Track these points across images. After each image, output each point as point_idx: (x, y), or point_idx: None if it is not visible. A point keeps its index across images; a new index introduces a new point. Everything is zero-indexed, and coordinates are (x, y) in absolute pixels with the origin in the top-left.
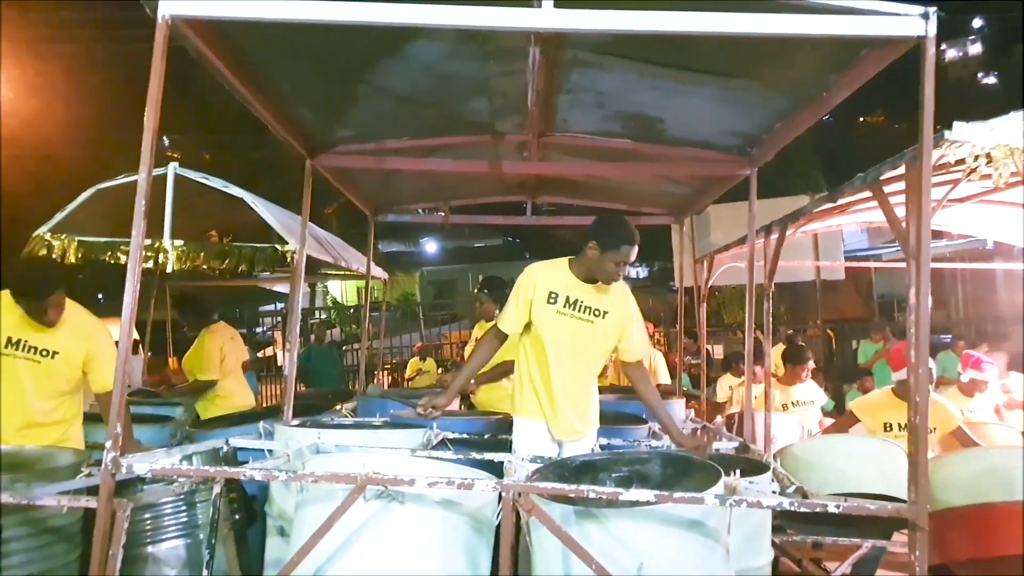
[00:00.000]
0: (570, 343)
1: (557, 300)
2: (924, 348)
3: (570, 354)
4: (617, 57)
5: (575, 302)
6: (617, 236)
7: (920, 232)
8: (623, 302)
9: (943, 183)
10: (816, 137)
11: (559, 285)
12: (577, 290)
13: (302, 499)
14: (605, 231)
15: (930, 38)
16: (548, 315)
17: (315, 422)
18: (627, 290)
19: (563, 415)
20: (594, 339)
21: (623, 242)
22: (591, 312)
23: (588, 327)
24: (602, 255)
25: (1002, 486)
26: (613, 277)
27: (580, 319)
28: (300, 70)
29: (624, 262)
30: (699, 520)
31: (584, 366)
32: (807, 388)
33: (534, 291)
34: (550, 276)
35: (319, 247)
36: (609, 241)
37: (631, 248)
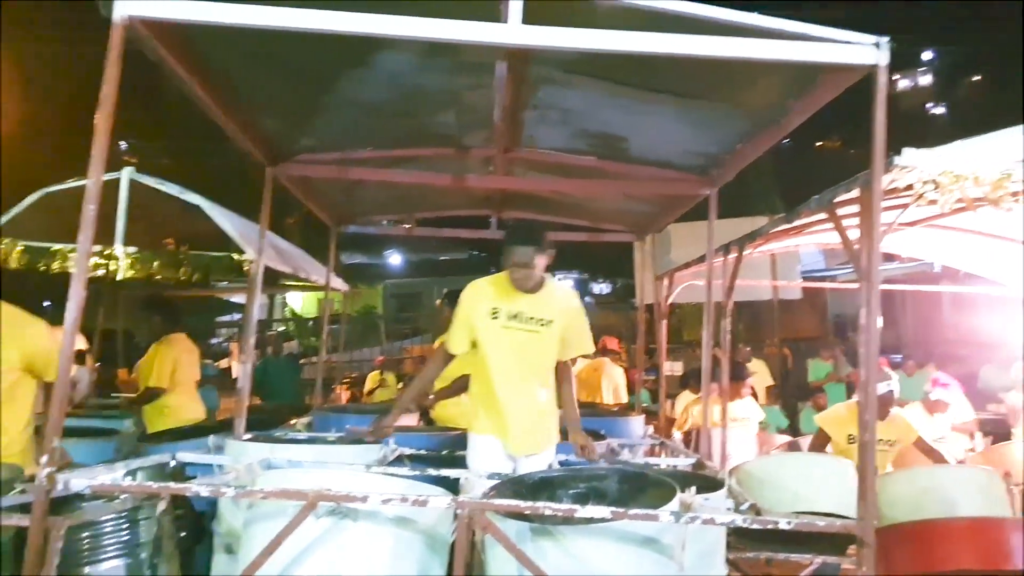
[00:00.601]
0: (517, 356)
1: (500, 315)
2: (873, 365)
3: (518, 367)
4: (583, 75)
5: (518, 314)
6: (508, 239)
7: (871, 253)
8: (568, 307)
9: (894, 207)
10: (775, 160)
11: (500, 300)
12: (519, 302)
13: (251, 516)
14: (508, 235)
15: (882, 66)
16: (492, 331)
17: (268, 437)
18: (572, 295)
19: (515, 430)
20: (541, 349)
21: (509, 243)
22: (536, 322)
23: (534, 337)
24: (505, 259)
25: (943, 503)
26: (518, 281)
27: (526, 331)
28: (263, 76)
29: (518, 264)
30: (654, 537)
31: (534, 378)
32: (745, 404)
33: (476, 308)
34: (491, 292)
35: (278, 257)
36: (509, 245)
37: (516, 248)
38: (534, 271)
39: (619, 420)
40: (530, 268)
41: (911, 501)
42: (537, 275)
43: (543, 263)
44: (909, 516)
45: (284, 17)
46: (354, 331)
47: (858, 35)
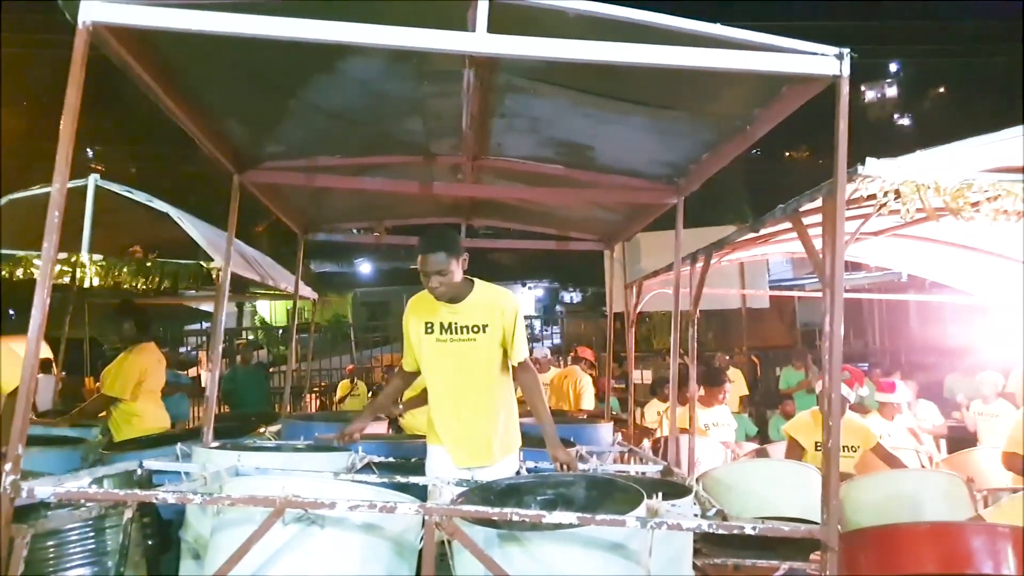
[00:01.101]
0: (456, 368)
1: (433, 329)
2: (837, 372)
3: (459, 380)
4: (551, 84)
5: (450, 325)
6: (417, 249)
7: (835, 261)
8: (502, 310)
9: (857, 216)
10: (743, 170)
11: (430, 313)
12: (448, 313)
13: (218, 523)
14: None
15: (844, 77)
16: (429, 346)
17: (235, 444)
18: (506, 296)
19: (459, 444)
20: (480, 357)
21: (419, 251)
22: (470, 330)
23: (471, 346)
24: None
25: (908, 508)
26: (435, 291)
27: (461, 341)
28: (229, 83)
29: (431, 272)
30: (621, 543)
31: (477, 387)
32: (721, 412)
33: (412, 325)
34: (422, 307)
35: (246, 265)
36: (418, 256)
37: (426, 257)
38: (450, 278)
39: (588, 427)
40: (444, 275)
41: (876, 506)
42: (455, 282)
43: (459, 268)
44: (874, 521)
45: (249, 24)
46: (324, 340)
47: (821, 46)
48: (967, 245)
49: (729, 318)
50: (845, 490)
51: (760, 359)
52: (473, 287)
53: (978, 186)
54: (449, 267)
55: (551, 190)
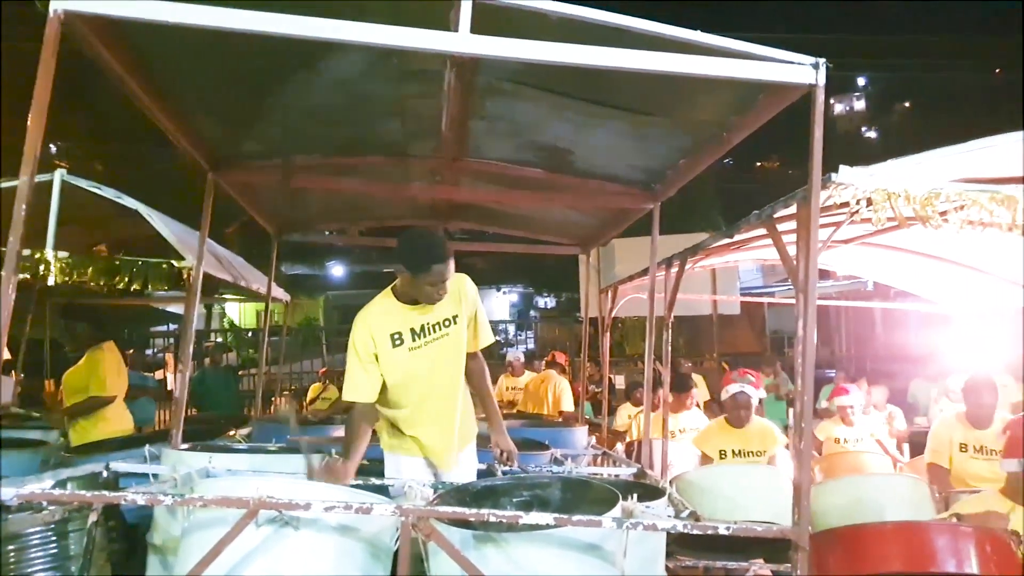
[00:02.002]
0: (434, 371)
1: (403, 339)
2: (809, 376)
3: (438, 381)
4: (531, 87)
5: (422, 328)
6: (424, 257)
7: (808, 267)
8: (465, 295)
9: (829, 224)
10: (716, 178)
11: (396, 323)
12: (416, 317)
13: (189, 525)
14: (409, 252)
15: (820, 86)
16: (400, 358)
17: (207, 445)
18: (464, 280)
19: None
20: (453, 349)
21: (430, 261)
22: (442, 326)
23: (445, 341)
24: (414, 279)
25: (873, 511)
26: (433, 298)
27: (436, 339)
28: (205, 78)
29: (437, 283)
30: (596, 544)
31: (451, 381)
32: (692, 415)
33: (374, 344)
34: (383, 319)
35: (218, 265)
36: (416, 264)
37: (440, 266)
38: (448, 283)
39: (563, 431)
40: (446, 281)
41: (842, 509)
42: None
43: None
44: (842, 522)
45: (228, 18)
46: (294, 343)
47: (798, 56)
48: (932, 255)
49: (700, 324)
50: (813, 494)
51: (730, 365)
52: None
53: (946, 195)
54: (449, 272)
55: (529, 194)
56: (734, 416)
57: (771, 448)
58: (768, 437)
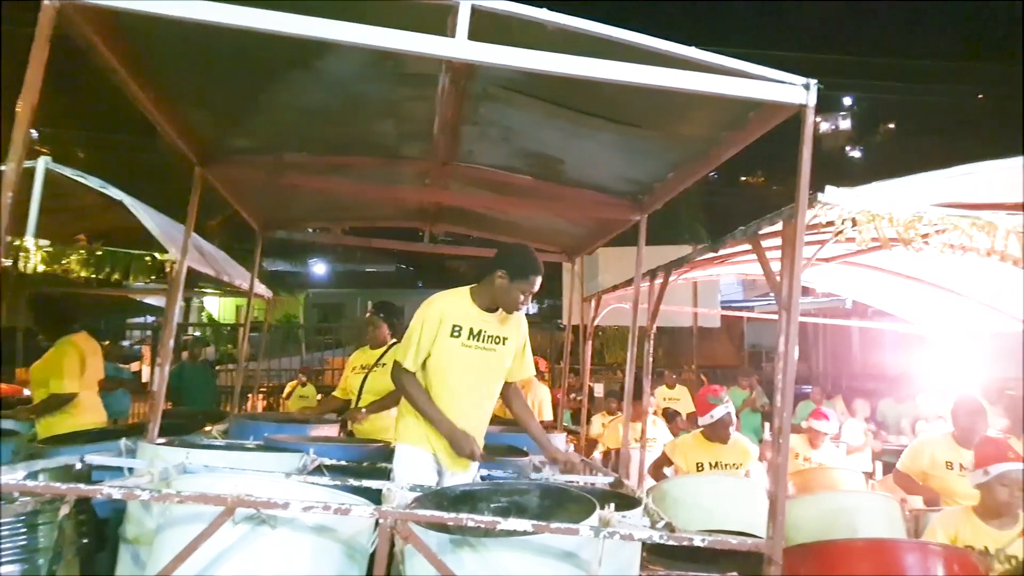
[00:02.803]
0: (475, 374)
1: (461, 333)
2: (789, 393)
3: (475, 385)
4: (525, 95)
5: (479, 333)
6: (527, 266)
7: (792, 284)
8: (520, 326)
9: (814, 242)
10: (701, 192)
11: (462, 317)
12: (480, 320)
13: (164, 521)
14: (515, 260)
15: (810, 107)
16: (453, 349)
17: (184, 441)
18: (522, 316)
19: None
20: (497, 367)
21: (532, 272)
22: (493, 340)
23: (491, 356)
24: (510, 284)
25: (845, 527)
26: (517, 307)
27: (484, 349)
28: (199, 71)
29: (531, 292)
30: (573, 551)
31: (487, 394)
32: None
33: (439, 326)
34: (454, 308)
35: (202, 260)
36: (519, 270)
37: (538, 278)
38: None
39: None
40: (533, 294)
41: (816, 523)
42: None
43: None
44: (814, 537)
45: (226, 14)
46: (273, 340)
47: (790, 75)
48: (910, 275)
49: (679, 335)
50: (787, 508)
51: (708, 377)
52: None
53: (928, 219)
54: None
55: (517, 200)
56: (720, 435)
57: (747, 462)
58: (743, 451)
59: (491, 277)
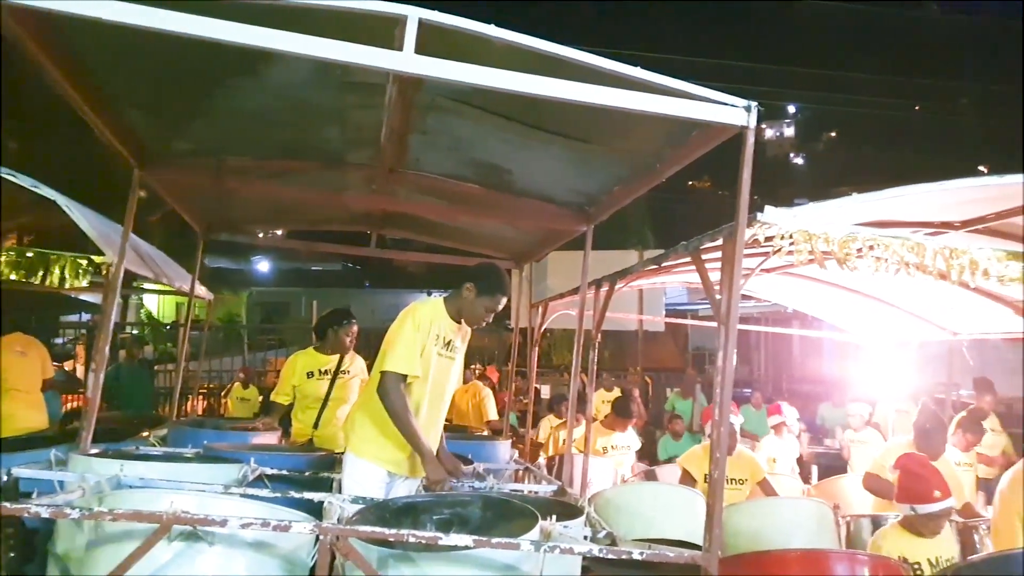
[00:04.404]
0: (440, 382)
1: (439, 341)
2: (727, 405)
3: (441, 394)
4: (474, 107)
5: (448, 343)
6: (495, 286)
7: (730, 299)
8: (466, 337)
9: (756, 255)
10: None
11: (441, 328)
12: (450, 331)
13: (96, 538)
14: (485, 277)
15: (751, 128)
16: (431, 357)
17: (118, 452)
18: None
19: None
20: (456, 376)
21: (500, 292)
22: (455, 350)
23: (453, 365)
24: (476, 299)
25: (782, 534)
26: (481, 321)
27: (449, 358)
28: (138, 72)
29: (495, 310)
30: (514, 564)
31: (444, 403)
32: (626, 435)
33: (427, 332)
34: (435, 317)
35: (139, 261)
36: (487, 288)
37: (504, 298)
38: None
39: (486, 445)
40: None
41: (754, 532)
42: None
43: None
44: (751, 545)
45: (170, 21)
46: (215, 339)
47: (732, 98)
48: (846, 286)
49: (625, 339)
50: (725, 516)
51: (653, 380)
52: None
53: (862, 239)
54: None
55: (465, 208)
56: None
57: (755, 477)
58: (751, 467)
59: (460, 289)
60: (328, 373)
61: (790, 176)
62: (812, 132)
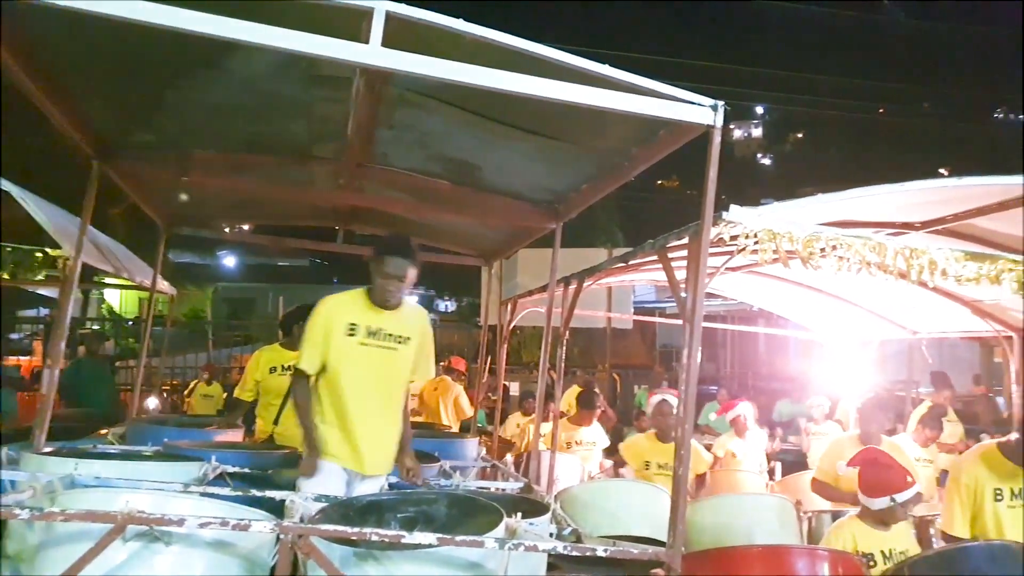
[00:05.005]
0: (374, 375)
1: (357, 331)
2: (691, 403)
3: (376, 386)
4: (442, 103)
5: (377, 331)
6: (387, 248)
7: (695, 297)
8: (423, 327)
9: (721, 253)
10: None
11: (358, 315)
12: (377, 318)
13: (48, 538)
14: (377, 249)
15: (717, 127)
16: (350, 348)
17: (73, 450)
18: (426, 316)
19: (366, 451)
20: (397, 367)
21: (384, 253)
22: (394, 339)
23: (392, 355)
24: (375, 274)
25: (744, 530)
26: (388, 295)
27: (384, 348)
28: (97, 62)
29: (397, 278)
30: (478, 562)
31: (390, 396)
32: (592, 430)
33: (331, 325)
34: (347, 307)
35: (99, 255)
36: (380, 260)
37: (392, 259)
38: (406, 285)
39: (453, 442)
40: (403, 281)
41: (717, 527)
42: (407, 290)
43: (414, 278)
44: (715, 541)
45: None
46: (179, 335)
47: (698, 97)
48: (810, 286)
49: (594, 335)
50: (690, 513)
51: (621, 377)
52: (403, 299)
53: (825, 239)
54: (408, 274)
55: (434, 205)
56: (660, 424)
57: (697, 467)
58: (693, 459)
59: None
60: (291, 369)
61: (758, 176)
62: (780, 133)
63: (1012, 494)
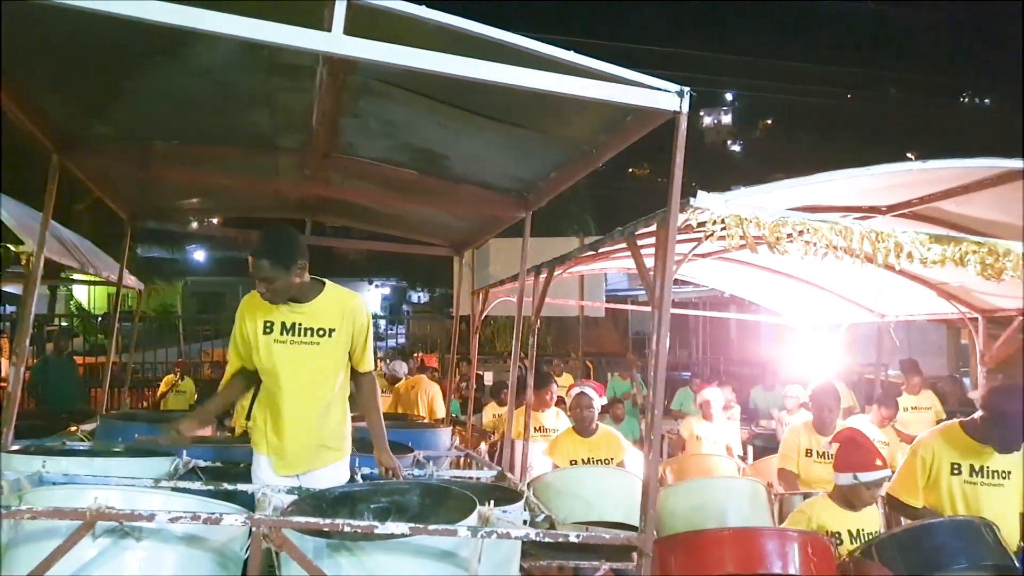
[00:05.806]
0: (295, 371)
1: (273, 328)
2: (660, 388)
3: (297, 382)
4: (407, 91)
5: (292, 326)
6: (250, 249)
7: (663, 283)
8: (353, 315)
9: (690, 240)
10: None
11: (271, 313)
12: (291, 314)
13: (15, 537)
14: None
15: (683, 113)
16: (267, 346)
17: (40, 447)
18: (356, 300)
19: (290, 449)
20: (321, 363)
21: (250, 253)
22: (314, 333)
23: (314, 350)
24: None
25: (716, 513)
26: (264, 295)
27: (304, 343)
28: (52, 52)
29: (258, 277)
30: (452, 551)
31: (314, 392)
32: (551, 414)
33: (247, 323)
34: (261, 305)
35: (63, 250)
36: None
37: (250, 259)
38: (277, 285)
39: (426, 432)
40: (270, 283)
41: (689, 511)
42: (283, 287)
43: (290, 275)
44: (687, 525)
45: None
46: (148, 330)
47: (664, 83)
48: (779, 271)
49: (567, 324)
50: (662, 497)
51: (594, 364)
52: (322, 289)
53: (792, 223)
54: (275, 275)
55: (402, 194)
56: (578, 417)
57: (619, 455)
58: (615, 444)
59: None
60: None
61: (728, 163)
62: (750, 120)
63: (972, 470)
